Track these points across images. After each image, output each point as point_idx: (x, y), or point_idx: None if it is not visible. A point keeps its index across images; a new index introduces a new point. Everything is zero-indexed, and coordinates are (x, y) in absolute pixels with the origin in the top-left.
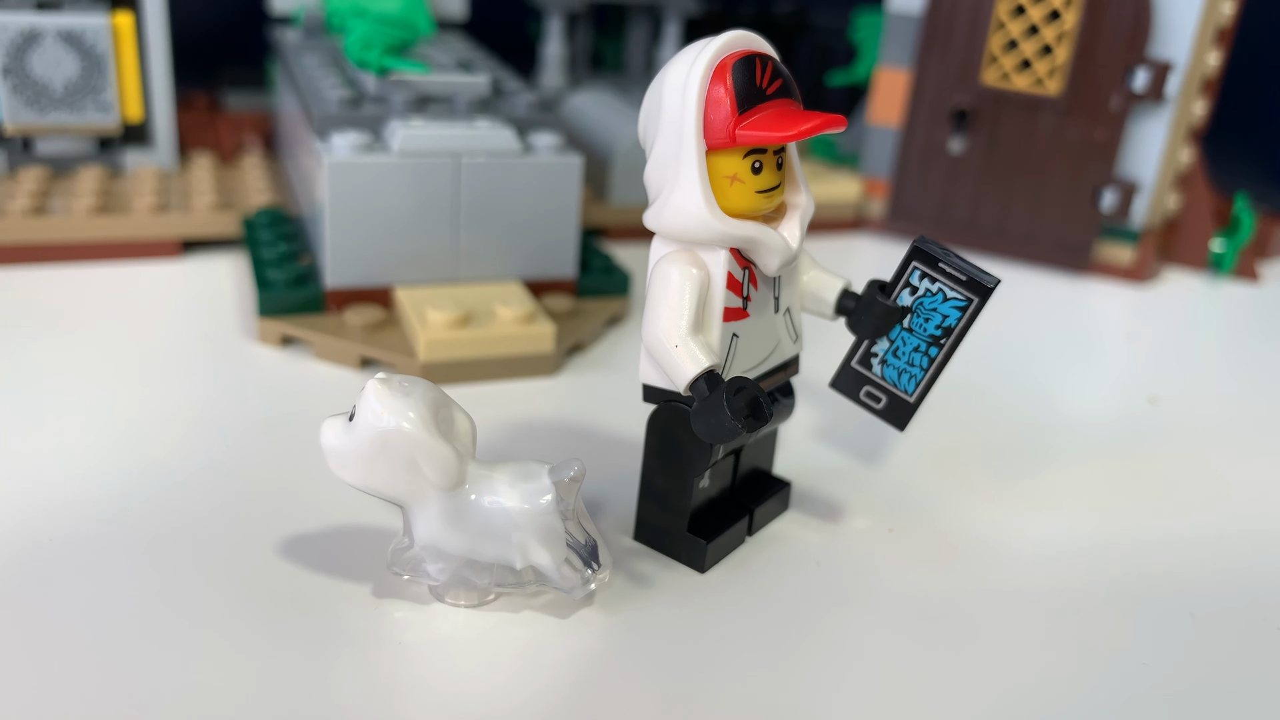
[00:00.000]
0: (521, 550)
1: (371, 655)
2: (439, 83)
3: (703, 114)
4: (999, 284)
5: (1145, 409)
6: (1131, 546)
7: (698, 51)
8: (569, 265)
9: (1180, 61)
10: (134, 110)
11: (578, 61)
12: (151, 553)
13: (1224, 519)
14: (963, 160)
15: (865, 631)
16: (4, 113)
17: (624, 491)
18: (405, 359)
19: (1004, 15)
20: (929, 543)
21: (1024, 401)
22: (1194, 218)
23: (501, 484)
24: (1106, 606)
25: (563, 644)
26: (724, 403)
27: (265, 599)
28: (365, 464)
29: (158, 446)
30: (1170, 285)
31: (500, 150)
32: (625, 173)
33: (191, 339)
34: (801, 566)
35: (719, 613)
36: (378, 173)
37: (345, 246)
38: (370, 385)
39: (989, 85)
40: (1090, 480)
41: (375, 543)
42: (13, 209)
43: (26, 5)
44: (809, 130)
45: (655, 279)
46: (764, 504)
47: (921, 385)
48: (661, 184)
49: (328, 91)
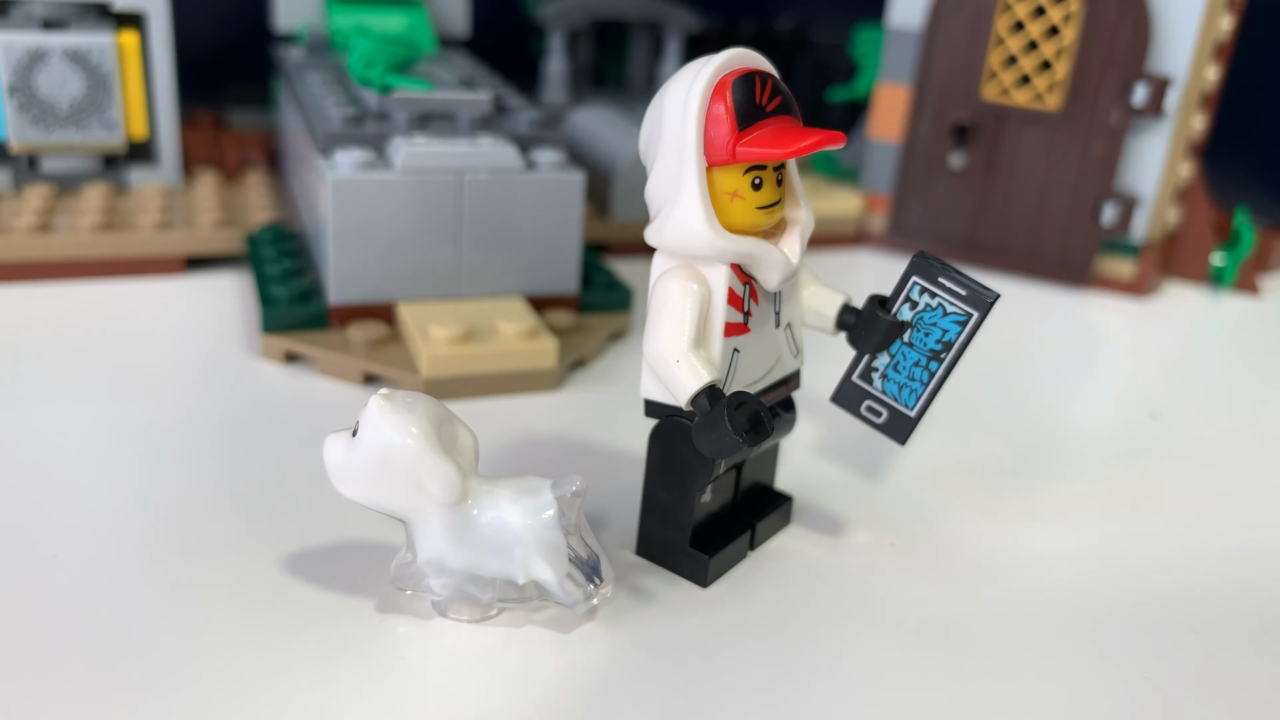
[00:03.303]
0: (524, 565)
1: (374, 670)
2: (442, 100)
3: (703, 131)
4: (999, 299)
5: (1147, 423)
6: (1133, 561)
7: (698, 69)
8: (571, 281)
9: (1179, 76)
10: (139, 128)
11: (580, 78)
12: (154, 568)
13: (1226, 533)
14: (963, 175)
15: (867, 646)
16: (10, 131)
17: (626, 506)
18: (408, 375)
19: (1003, 31)
20: (931, 557)
21: (1025, 416)
22: (1194, 232)
23: (504, 499)
24: (1108, 621)
25: (565, 659)
26: (725, 417)
27: (268, 614)
28: (368, 480)
29: (161, 462)
30: (1171, 299)
31: (502, 167)
32: (627, 189)
33: (195, 355)
34: (804, 581)
35: (721, 628)
36: (381, 190)
37: (348, 263)
38: (373, 401)
39: (989, 101)
40: (1092, 494)
41: (378, 558)
42: (18, 226)
43: (33, 24)
44: (808, 147)
45: (656, 294)
46: (766, 518)
47: (922, 400)
48: (663, 200)
49: (331, 109)
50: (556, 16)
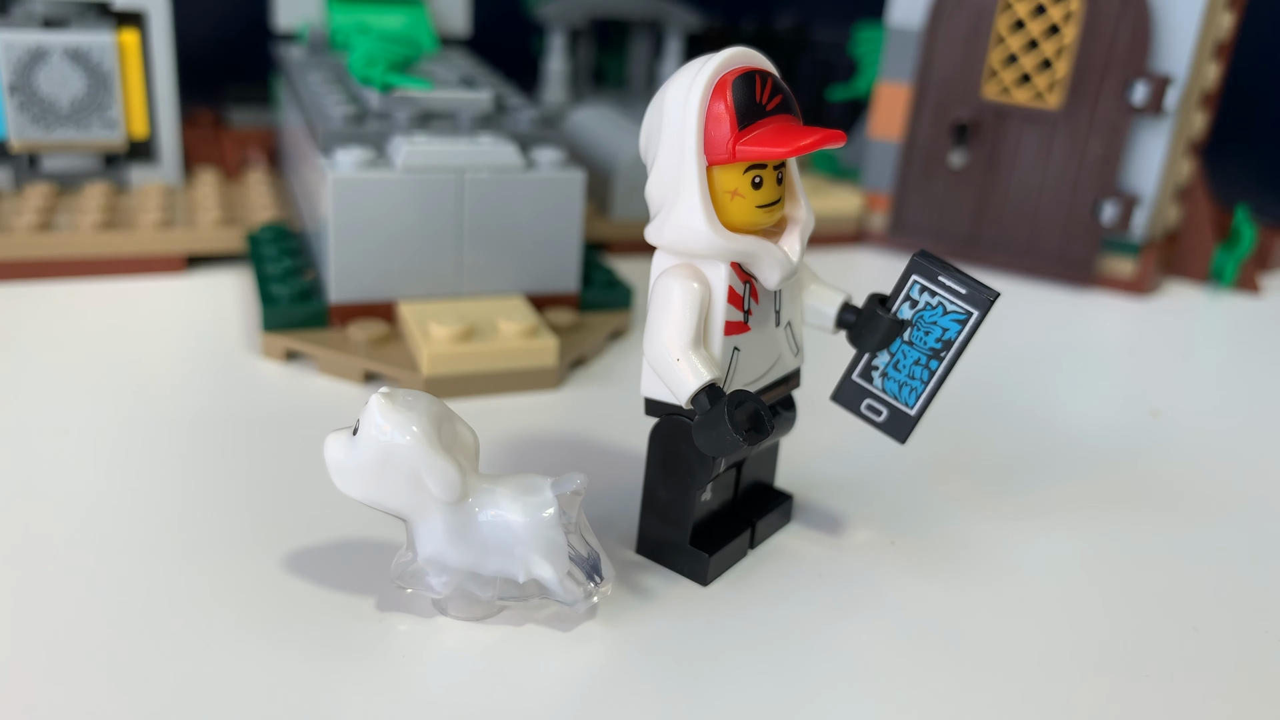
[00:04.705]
0: (524, 564)
1: (374, 668)
2: (442, 99)
3: (703, 130)
4: (998, 297)
5: (1148, 421)
6: (1134, 559)
7: (698, 68)
8: (571, 280)
9: (1180, 74)
10: (139, 127)
11: (580, 77)
12: (154, 566)
13: (1227, 531)
14: (963, 174)
15: (867, 644)
16: (11, 129)
17: (626, 505)
18: (408, 373)
19: (1004, 30)
20: (931, 555)
21: (1026, 414)
22: (1195, 230)
23: (504, 497)
24: (1109, 619)
25: (565, 657)
26: (725, 416)
27: (268, 612)
28: (369, 478)
29: (161, 460)
30: (1171, 298)
31: (503, 166)
32: (627, 187)
33: (196, 354)
34: (804, 579)
35: (721, 625)
36: (381, 188)
37: (349, 262)
38: (374, 400)
39: (989, 99)
40: (1092, 493)
41: (379, 556)
42: (19, 225)
43: (33, 23)
44: (808, 146)
45: (657, 293)
46: (766, 517)
47: (922, 398)
48: (663, 199)
49: (332, 108)
50: (557, 15)
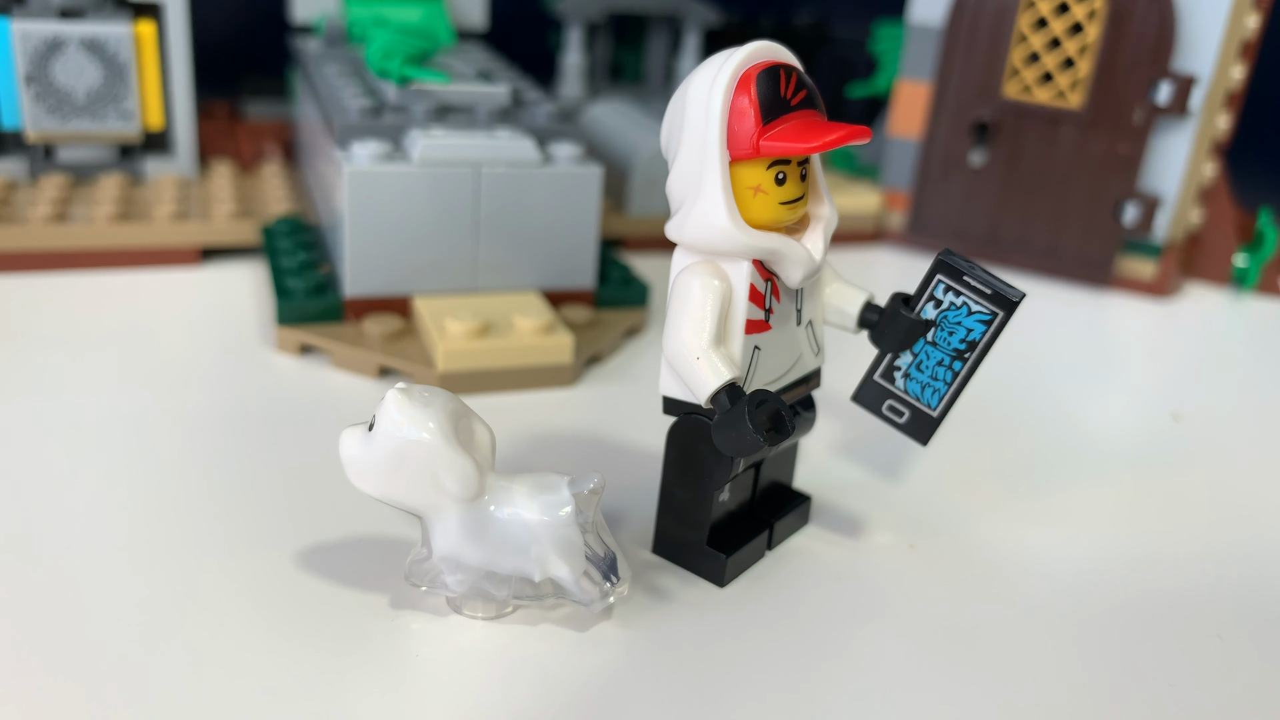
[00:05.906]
0: (540, 563)
1: (388, 667)
2: (459, 92)
3: (727, 124)
4: (1024, 298)
5: (1168, 426)
6: (1155, 565)
7: (722, 62)
8: (588, 276)
9: (1204, 75)
10: (155, 118)
11: (597, 72)
12: (167, 561)
13: (1249, 537)
14: (983, 173)
15: (886, 648)
16: (27, 120)
17: (643, 504)
18: (424, 369)
19: (1026, 28)
20: (951, 559)
21: (1046, 417)
22: (1217, 232)
23: (520, 496)
24: (1131, 626)
25: (580, 658)
26: (745, 415)
27: (282, 609)
28: (384, 474)
29: (175, 454)
30: (1193, 300)
31: (520, 160)
32: (644, 183)
33: (210, 347)
34: (822, 581)
35: (738, 627)
36: (398, 182)
37: (364, 256)
38: (390, 395)
39: (1010, 98)
40: (1113, 497)
41: (393, 554)
42: (34, 216)
43: (50, 13)
44: (834, 141)
45: (677, 290)
46: (784, 518)
47: (945, 400)
48: (684, 195)
49: (348, 101)
50: (574, 10)
